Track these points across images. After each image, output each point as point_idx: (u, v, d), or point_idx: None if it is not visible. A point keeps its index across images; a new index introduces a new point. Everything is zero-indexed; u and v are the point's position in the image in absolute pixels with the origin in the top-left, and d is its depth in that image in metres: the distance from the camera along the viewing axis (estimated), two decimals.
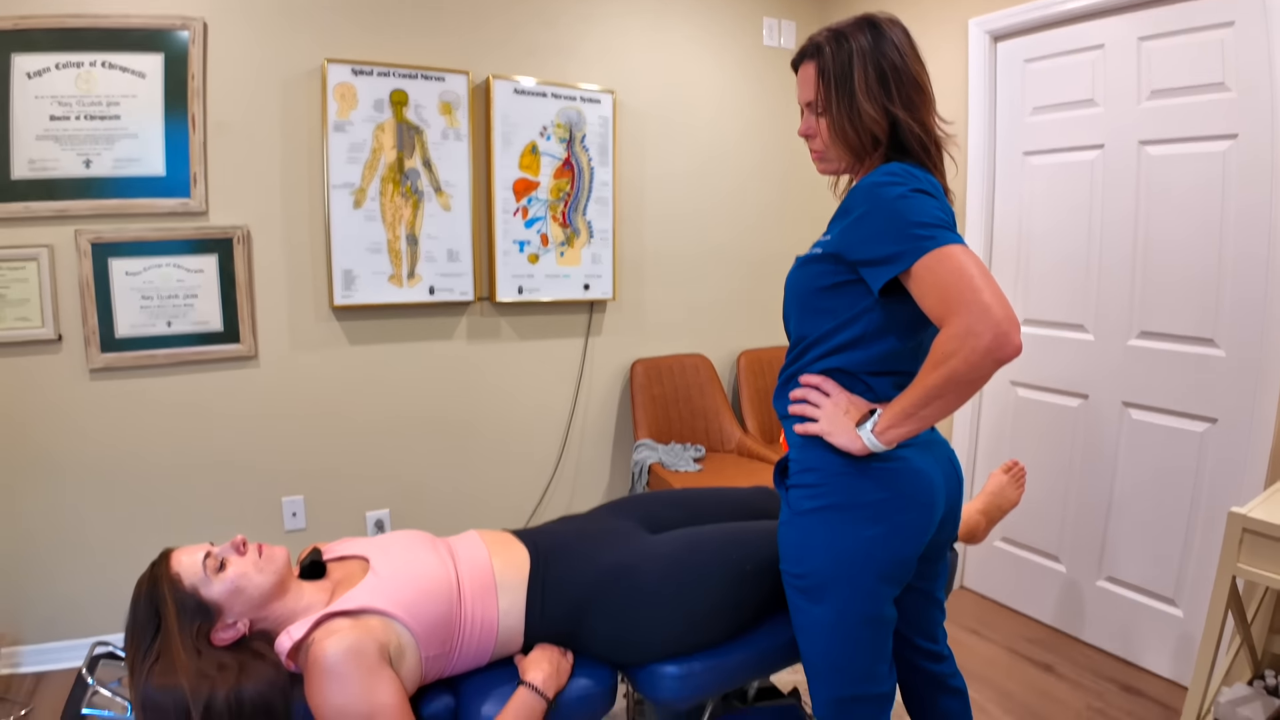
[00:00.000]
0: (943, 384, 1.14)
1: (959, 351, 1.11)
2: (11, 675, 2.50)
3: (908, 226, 1.17)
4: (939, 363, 1.14)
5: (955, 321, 1.11)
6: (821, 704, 1.41)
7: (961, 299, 1.10)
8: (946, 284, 1.12)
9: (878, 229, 1.20)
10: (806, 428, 1.34)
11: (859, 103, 1.29)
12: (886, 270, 1.19)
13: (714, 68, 3.44)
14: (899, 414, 1.22)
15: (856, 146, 1.33)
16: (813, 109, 1.37)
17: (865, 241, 1.23)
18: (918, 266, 1.15)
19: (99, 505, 2.57)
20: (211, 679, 1.23)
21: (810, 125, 1.39)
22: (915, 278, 1.16)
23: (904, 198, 1.19)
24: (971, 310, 1.09)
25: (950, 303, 1.11)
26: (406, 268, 2.84)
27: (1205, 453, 2.37)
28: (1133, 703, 2.39)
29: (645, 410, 3.29)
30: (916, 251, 1.15)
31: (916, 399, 1.19)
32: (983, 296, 1.09)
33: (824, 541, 1.32)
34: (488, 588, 1.48)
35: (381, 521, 2.99)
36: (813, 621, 1.37)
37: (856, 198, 1.26)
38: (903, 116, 1.29)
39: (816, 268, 1.34)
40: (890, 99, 1.29)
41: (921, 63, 1.33)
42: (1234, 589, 1.85)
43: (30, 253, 2.39)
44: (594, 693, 1.48)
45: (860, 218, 1.24)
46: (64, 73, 2.37)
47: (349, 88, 2.67)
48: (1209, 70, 2.27)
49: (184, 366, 2.62)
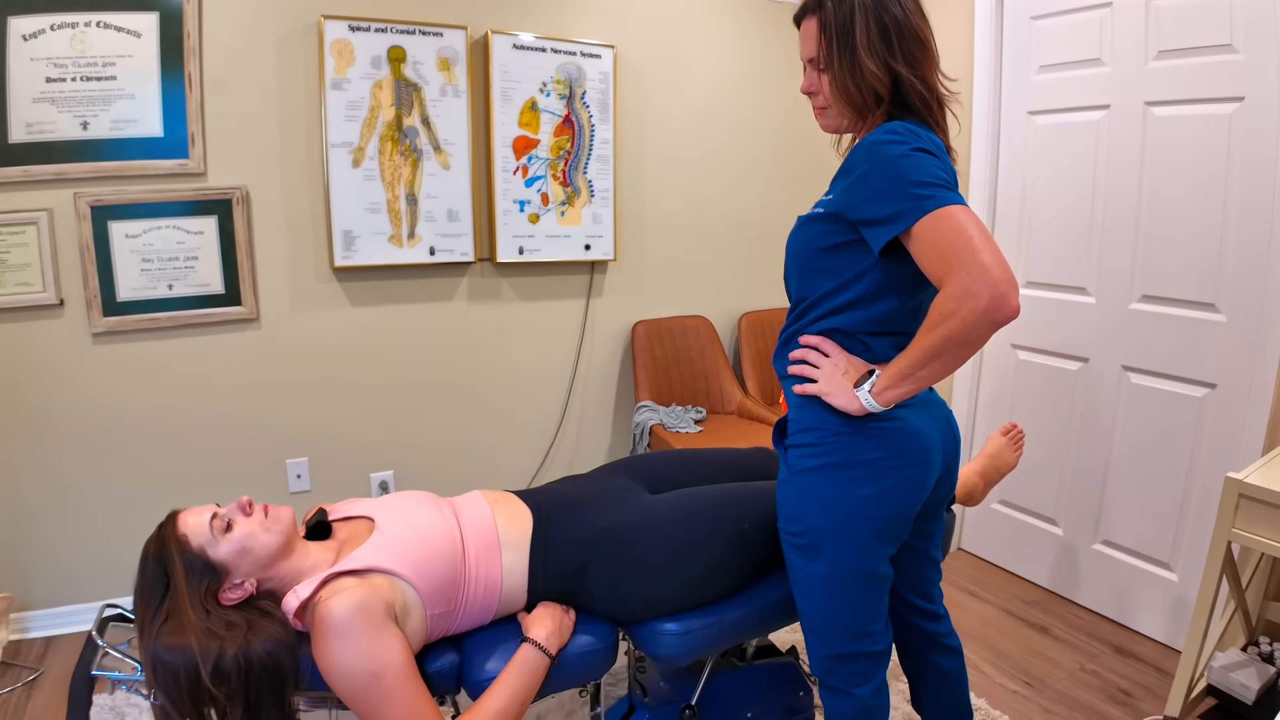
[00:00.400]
0: (940, 344, 1.14)
1: (957, 312, 1.10)
2: (20, 640, 2.53)
3: (908, 186, 1.16)
4: (937, 323, 1.13)
5: (953, 282, 1.10)
6: (818, 660, 1.43)
7: (960, 259, 1.09)
8: (945, 244, 1.11)
9: (878, 188, 1.19)
10: (805, 388, 1.35)
11: (860, 58, 1.27)
12: (887, 230, 1.19)
13: (716, 22, 3.38)
14: (897, 374, 1.22)
15: (858, 103, 1.31)
16: (814, 65, 1.35)
17: (866, 201, 1.22)
18: (918, 227, 1.14)
19: (104, 469, 2.58)
20: (220, 638, 1.25)
21: (812, 82, 1.37)
22: (915, 238, 1.16)
23: (905, 156, 1.18)
24: (970, 270, 1.08)
25: (949, 263, 1.11)
26: (406, 228, 2.83)
27: (1204, 418, 2.37)
28: (1126, 665, 2.43)
29: (646, 372, 3.30)
30: (917, 211, 1.14)
31: (914, 360, 1.19)
32: (981, 257, 1.08)
33: (821, 499, 1.34)
34: (491, 545, 1.49)
35: (385, 483, 3.01)
36: (809, 578, 1.39)
37: (858, 156, 1.25)
38: (905, 73, 1.27)
39: (818, 227, 1.33)
40: (892, 55, 1.27)
41: (925, 18, 1.31)
42: (1229, 554, 1.87)
43: (30, 217, 2.37)
44: (596, 649, 1.50)
45: (861, 177, 1.23)
46: (59, 34, 2.33)
47: (346, 44, 2.64)
48: (1216, 31, 2.23)
49: (186, 329, 2.62)
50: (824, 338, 1.35)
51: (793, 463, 1.40)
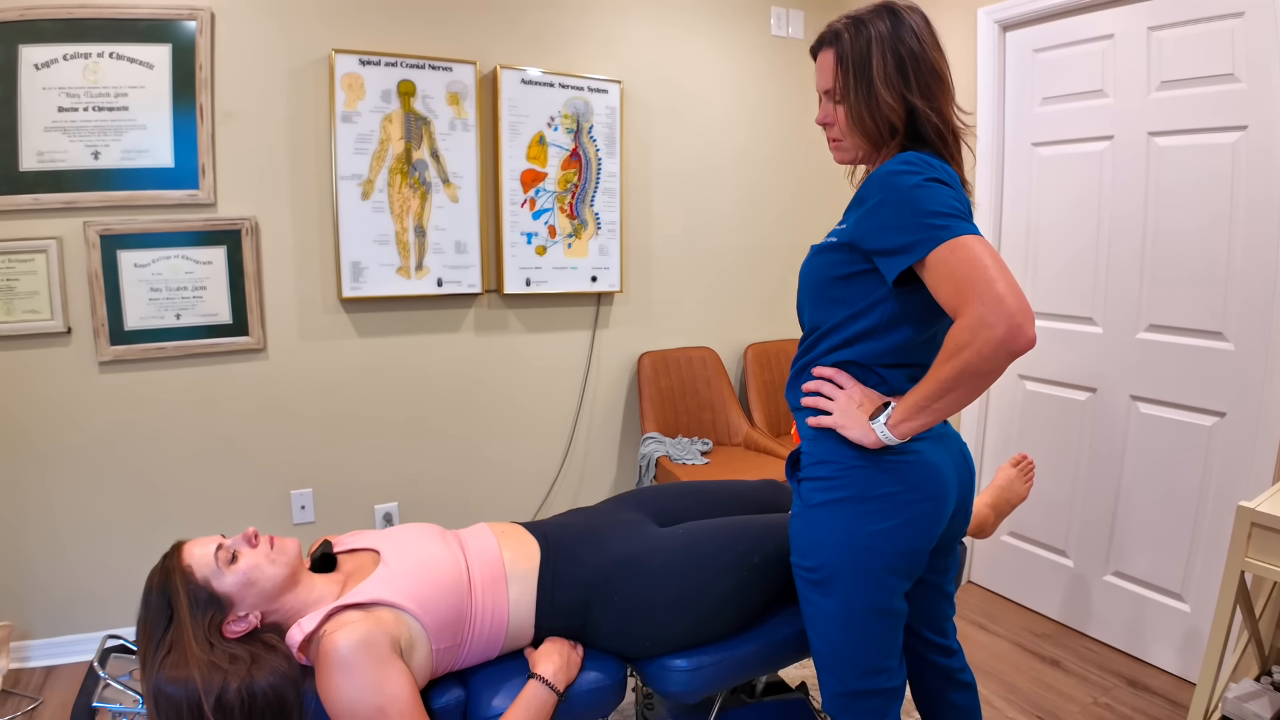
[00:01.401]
0: (956, 376, 1.13)
1: (972, 343, 1.10)
2: (20, 669, 2.51)
3: (922, 216, 1.16)
4: (952, 354, 1.13)
5: (969, 312, 1.10)
6: (830, 697, 1.41)
7: (975, 289, 1.09)
8: (960, 274, 1.11)
9: (892, 218, 1.20)
10: (820, 420, 1.34)
11: (877, 91, 1.28)
12: (901, 260, 1.19)
13: (721, 57, 3.42)
14: (913, 407, 1.21)
15: (874, 135, 1.32)
16: (830, 96, 1.36)
17: (880, 231, 1.22)
18: (932, 257, 1.14)
19: (107, 498, 2.57)
20: (224, 671, 1.24)
21: (828, 113, 1.38)
22: (929, 268, 1.15)
23: (919, 187, 1.18)
24: (985, 301, 1.08)
25: (964, 293, 1.10)
26: (414, 260, 2.84)
27: (1213, 447, 2.36)
28: (1139, 698, 2.39)
29: (652, 403, 3.29)
30: (931, 241, 1.14)
31: (931, 391, 1.18)
32: (996, 287, 1.08)
33: (836, 534, 1.32)
34: (498, 579, 1.48)
35: (390, 514, 3.00)
36: (823, 614, 1.37)
37: (871, 186, 1.25)
38: (920, 105, 1.28)
39: (831, 257, 1.33)
40: (908, 87, 1.28)
41: (941, 51, 1.32)
42: (1242, 584, 1.85)
43: (39, 245, 2.38)
44: (604, 686, 1.48)
45: (875, 206, 1.23)
46: (71, 64, 2.36)
47: (356, 78, 2.67)
48: (1219, 61, 2.25)
49: (193, 359, 2.62)
50: (838, 369, 1.35)
51: (806, 496, 1.38)
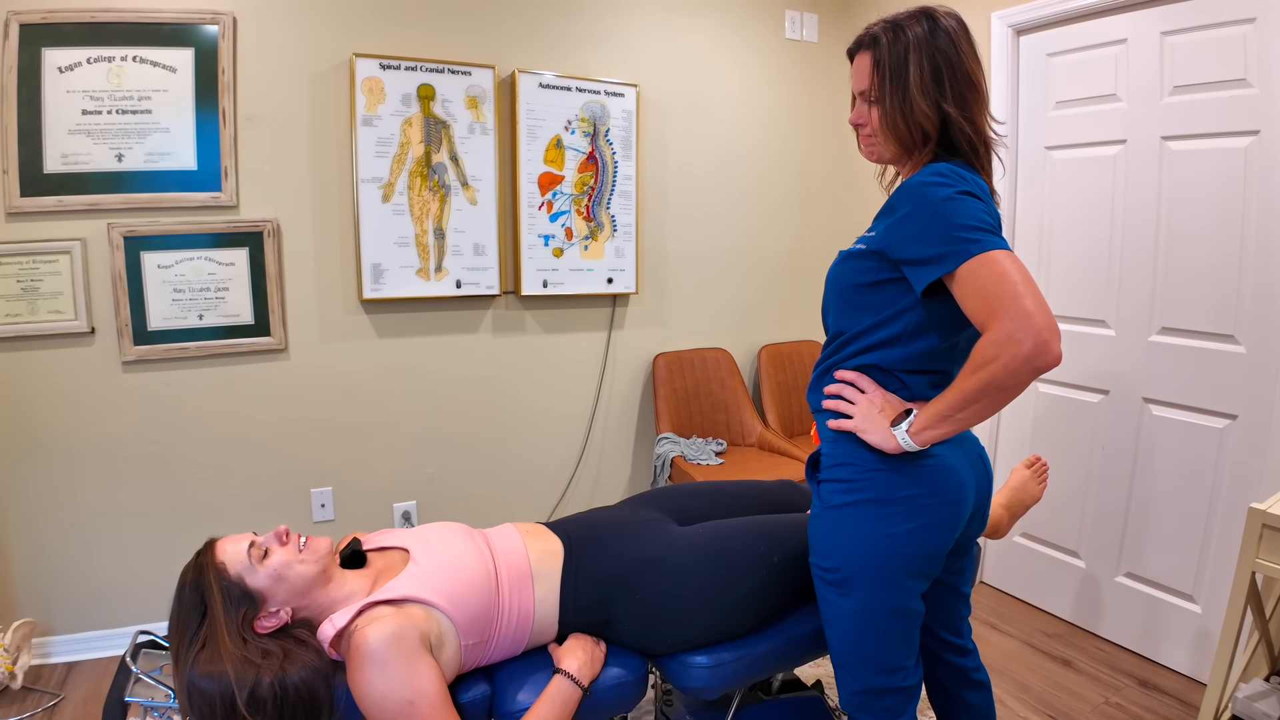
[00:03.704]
0: (981, 389, 1.16)
1: (999, 357, 1.12)
2: (42, 665, 2.54)
3: (953, 229, 1.18)
4: (978, 367, 1.15)
5: (996, 327, 1.12)
6: (848, 695, 1.43)
7: (1004, 305, 1.11)
8: (989, 289, 1.13)
9: (922, 229, 1.22)
10: (841, 424, 1.36)
11: (912, 97, 1.29)
12: (930, 271, 1.21)
13: (736, 61, 3.44)
14: (935, 416, 1.23)
15: (906, 140, 1.33)
16: (865, 98, 1.37)
17: (909, 241, 1.24)
18: (962, 270, 1.16)
19: (129, 496, 2.60)
20: (257, 666, 1.26)
21: (861, 114, 1.39)
22: (959, 281, 1.17)
23: (951, 199, 1.20)
24: (1013, 317, 1.10)
25: (992, 308, 1.12)
26: (434, 261, 2.87)
27: (1225, 449, 2.37)
28: (1150, 698, 2.41)
29: (667, 403, 3.31)
30: (961, 255, 1.16)
31: (954, 402, 1.20)
32: (1025, 303, 1.10)
33: (855, 535, 1.34)
34: (524, 577, 1.51)
35: (408, 513, 3.02)
36: (841, 613, 1.39)
37: (902, 196, 1.27)
38: (954, 114, 1.29)
39: (859, 263, 1.34)
40: (943, 95, 1.29)
41: (978, 60, 1.33)
42: (1253, 585, 1.86)
43: (63, 246, 2.42)
44: (627, 681, 1.51)
45: (905, 217, 1.25)
46: (95, 67, 2.40)
47: (377, 82, 2.70)
48: (1231, 66, 2.27)
49: (215, 359, 2.65)
50: (860, 373, 1.36)
51: (826, 498, 1.40)
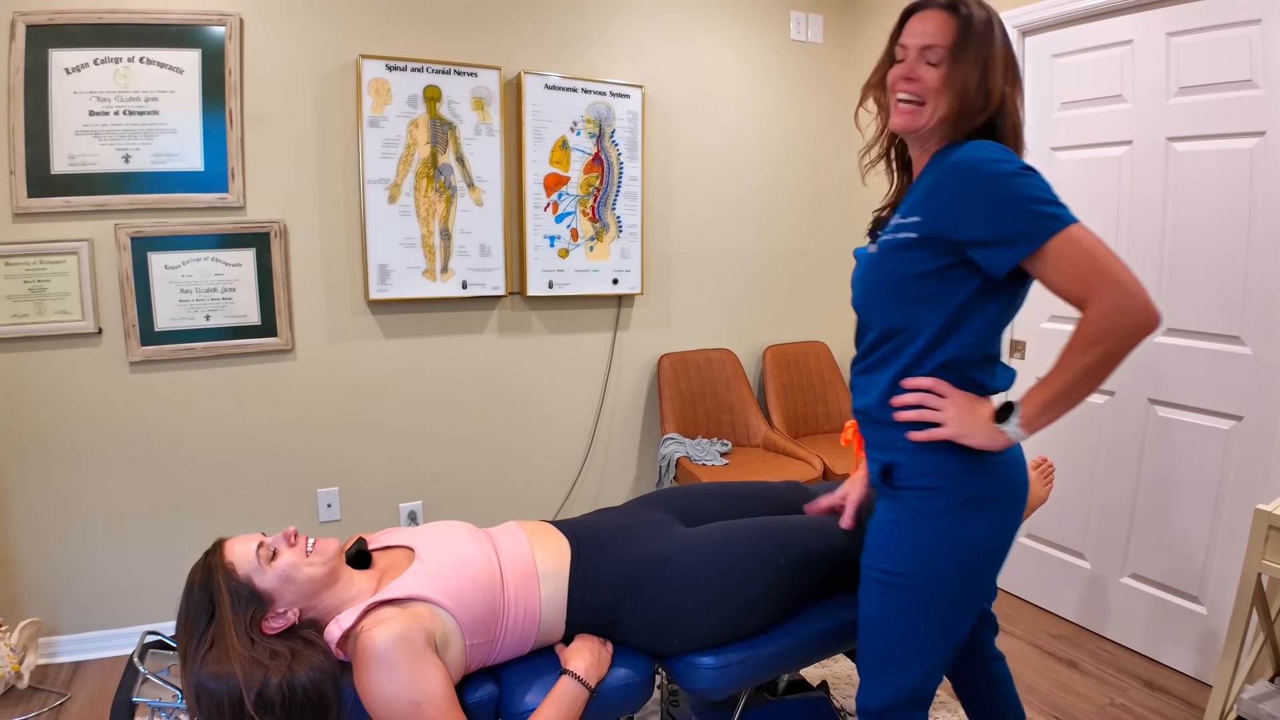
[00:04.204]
0: (1095, 365, 1.14)
1: (1110, 331, 1.12)
2: (48, 665, 2.55)
3: (1031, 203, 1.15)
4: (1090, 344, 1.14)
5: (1099, 302, 1.12)
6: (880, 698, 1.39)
7: (1103, 279, 1.12)
8: (1083, 264, 1.13)
9: (993, 207, 1.17)
10: (932, 434, 1.27)
11: (993, 65, 1.24)
12: (1013, 251, 1.17)
13: (741, 61, 3.44)
14: (1047, 401, 1.20)
15: (967, 109, 1.25)
16: (928, 55, 1.26)
17: (976, 221, 1.19)
18: (1049, 247, 1.14)
19: (135, 496, 2.61)
20: (265, 666, 1.26)
21: (916, 70, 1.27)
22: (1047, 258, 1.15)
23: (1018, 175, 1.16)
24: (1117, 290, 1.11)
25: (1090, 283, 1.13)
26: (440, 262, 2.88)
27: (1231, 450, 2.37)
28: (1155, 699, 2.40)
29: (672, 404, 3.32)
30: (1046, 231, 1.14)
31: (1068, 382, 1.17)
32: (1123, 275, 1.11)
33: (945, 541, 1.30)
34: (530, 577, 1.51)
35: (414, 513, 3.03)
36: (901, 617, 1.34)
37: (950, 174, 1.21)
38: (1010, 96, 1.26)
39: (910, 254, 1.27)
40: (1007, 75, 1.26)
41: None
42: (1259, 586, 1.87)
43: (70, 246, 2.43)
44: (634, 682, 1.51)
45: (963, 195, 1.19)
46: (102, 68, 2.40)
47: (383, 83, 2.70)
48: (1237, 67, 2.26)
49: (222, 359, 2.66)
50: (935, 379, 1.29)
51: (912, 505, 1.33)
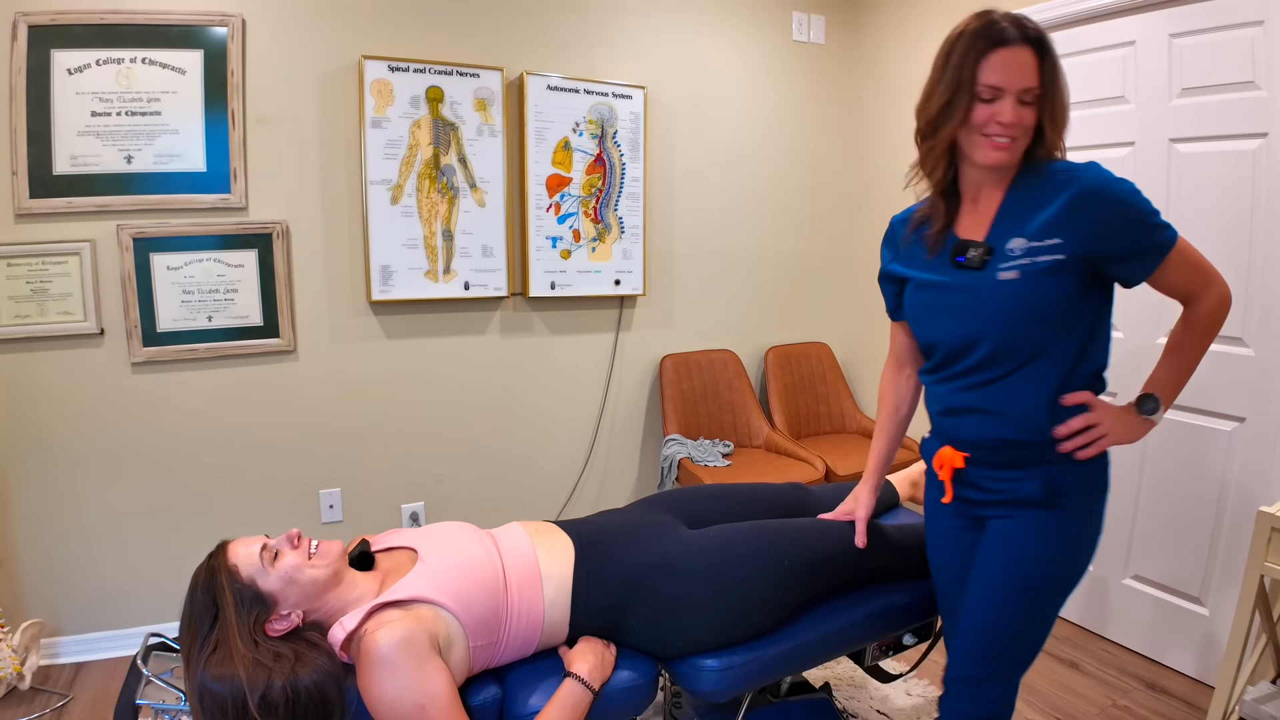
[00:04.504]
0: (1206, 350, 1.37)
1: (1220, 319, 1.34)
2: (50, 665, 2.55)
3: (1153, 217, 1.28)
4: (1207, 330, 1.34)
5: (1209, 294, 1.32)
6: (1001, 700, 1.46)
7: (1210, 277, 1.32)
8: (1196, 264, 1.32)
9: (1128, 225, 1.28)
10: (1099, 446, 1.38)
11: (1065, 100, 1.33)
12: (1150, 262, 1.31)
13: (743, 62, 3.44)
14: (1177, 386, 1.40)
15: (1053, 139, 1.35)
16: (1023, 96, 1.29)
17: (1116, 238, 1.29)
18: (1173, 254, 1.30)
19: (138, 497, 2.61)
20: (268, 669, 1.26)
21: (1013, 111, 1.29)
22: (1172, 263, 1.30)
23: (1136, 192, 1.28)
24: (1221, 284, 1.33)
25: (1204, 280, 1.32)
26: (442, 263, 2.88)
27: (1233, 452, 2.37)
28: (1157, 701, 2.40)
29: (674, 405, 3.32)
30: (1170, 241, 1.29)
31: (1190, 365, 1.38)
32: (1217, 272, 1.33)
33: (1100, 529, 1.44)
34: (533, 579, 1.51)
35: (416, 514, 3.03)
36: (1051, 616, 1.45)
37: (1088, 199, 1.26)
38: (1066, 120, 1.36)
39: (1062, 276, 1.30)
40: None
41: None
42: (1261, 588, 1.86)
43: (73, 247, 2.42)
44: (638, 684, 1.51)
45: (1105, 217, 1.27)
46: (104, 69, 2.40)
47: (385, 84, 2.70)
48: (1239, 68, 2.26)
49: (224, 360, 2.66)
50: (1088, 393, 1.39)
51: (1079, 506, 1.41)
